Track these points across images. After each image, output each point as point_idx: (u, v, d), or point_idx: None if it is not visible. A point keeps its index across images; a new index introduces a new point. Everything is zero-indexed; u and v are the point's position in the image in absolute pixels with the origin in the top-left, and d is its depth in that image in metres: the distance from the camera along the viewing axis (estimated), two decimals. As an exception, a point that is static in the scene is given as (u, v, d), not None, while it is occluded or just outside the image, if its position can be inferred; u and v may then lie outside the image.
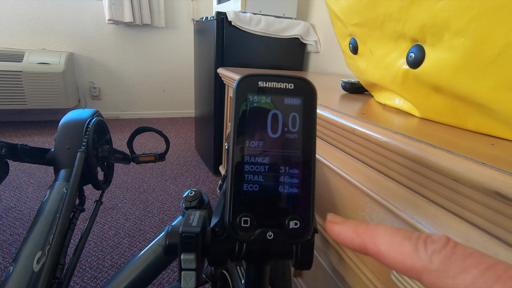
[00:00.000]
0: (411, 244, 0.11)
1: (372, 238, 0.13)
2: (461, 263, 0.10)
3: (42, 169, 1.68)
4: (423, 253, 0.11)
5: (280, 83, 0.19)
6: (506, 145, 0.35)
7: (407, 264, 0.11)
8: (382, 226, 0.13)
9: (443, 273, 0.10)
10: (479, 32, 0.31)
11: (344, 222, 0.15)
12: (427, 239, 0.11)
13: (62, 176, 0.58)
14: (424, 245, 0.11)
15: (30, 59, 2.21)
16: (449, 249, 0.11)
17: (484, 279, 0.09)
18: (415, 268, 0.11)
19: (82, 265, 1.03)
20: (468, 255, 0.10)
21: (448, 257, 0.10)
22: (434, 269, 0.10)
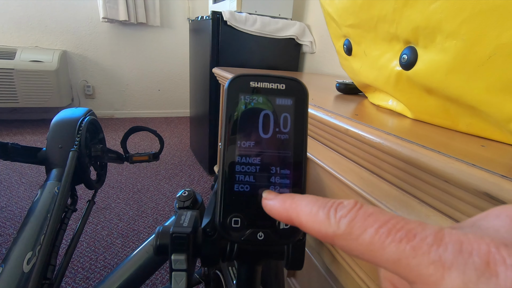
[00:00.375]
0: (324, 213, 0.12)
1: (295, 211, 0.13)
2: (362, 224, 0.11)
3: (34, 168, 1.66)
4: (333, 220, 0.11)
5: (271, 84, 0.19)
6: (497, 147, 0.35)
7: (322, 231, 0.12)
8: (304, 198, 0.14)
9: (348, 236, 0.11)
10: (471, 35, 0.31)
11: (275, 197, 0.16)
12: (338, 206, 0.12)
13: (54, 176, 0.57)
14: (334, 212, 0.12)
15: (22, 56, 2.18)
16: (353, 212, 0.11)
17: (378, 236, 0.10)
18: (328, 235, 0.12)
19: (74, 266, 1.02)
20: (368, 216, 0.11)
21: (351, 219, 0.11)
22: (341, 233, 0.11)
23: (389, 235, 0.10)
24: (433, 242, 0.09)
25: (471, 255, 0.08)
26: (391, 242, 0.10)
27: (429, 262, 0.09)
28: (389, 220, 0.10)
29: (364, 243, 0.10)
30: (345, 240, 0.11)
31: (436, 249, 0.09)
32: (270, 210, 0.16)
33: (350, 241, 0.11)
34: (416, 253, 0.09)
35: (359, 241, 0.10)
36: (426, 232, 0.10)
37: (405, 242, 0.09)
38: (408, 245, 0.09)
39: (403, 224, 0.10)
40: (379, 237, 0.10)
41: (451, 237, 0.09)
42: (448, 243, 0.09)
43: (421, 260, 0.09)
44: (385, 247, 0.10)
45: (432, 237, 0.09)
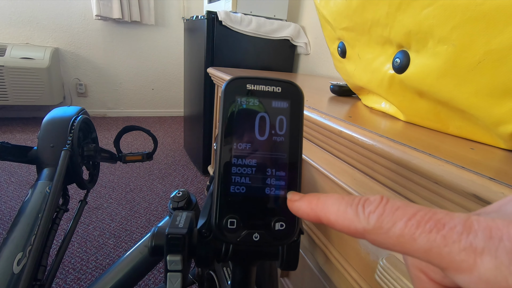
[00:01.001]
0: (352, 210, 0.12)
1: (323, 210, 0.14)
2: (391, 218, 0.11)
3: (24, 168, 1.63)
4: (362, 216, 0.12)
5: (268, 86, 0.19)
6: (485, 149, 0.36)
7: (351, 228, 0.12)
8: (330, 197, 0.14)
9: (379, 230, 0.11)
10: (461, 41, 0.32)
11: (301, 198, 0.16)
12: (365, 202, 0.12)
13: (45, 175, 0.56)
14: (362, 208, 0.12)
15: (13, 53, 2.14)
16: (381, 208, 0.12)
17: (408, 228, 0.10)
18: (358, 231, 0.12)
19: (65, 267, 1.01)
20: (396, 209, 0.11)
21: (380, 214, 0.11)
22: (371, 228, 0.11)
23: (418, 227, 0.10)
24: (463, 230, 0.09)
25: (501, 240, 0.09)
26: (421, 233, 0.10)
27: (460, 249, 0.09)
28: (417, 212, 0.11)
29: (394, 236, 0.11)
30: (375, 234, 0.11)
31: (467, 237, 0.09)
32: (298, 211, 0.16)
33: (380, 235, 0.11)
34: (447, 242, 0.10)
35: (390, 234, 0.11)
36: (454, 221, 0.10)
37: (435, 232, 0.10)
38: (439, 235, 0.10)
39: (431, 215, 0.10)
40: (409, 229, 0.10)
41: (479, 224, 0.09)
42: (477, 230, 0.09)
43: (453, 248, 0.09)
44: (416, 238, 0.10)
45: (461, 225, 0.10)
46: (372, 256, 0.45)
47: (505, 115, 0.32)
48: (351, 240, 0.49)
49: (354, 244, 0.48)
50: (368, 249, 0.45)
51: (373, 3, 0.42)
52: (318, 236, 0.58)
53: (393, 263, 0.38)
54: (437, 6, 0.33)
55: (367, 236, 0.12)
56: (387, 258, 0.39)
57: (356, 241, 0.48)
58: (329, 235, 0.56)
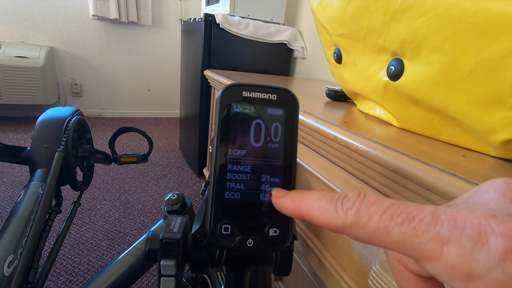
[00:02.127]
0: (332, 206, 0.13)
1: (305, 207, 0.14)
2: (367, 213, 0.12)
3: (16, 168, 1.61)
4: (341, 212, 0.12)
5: (263, 94, 0.19)
6: (476, 157, 0.37)
7: (332, 224, 0.13)
8: (312, 194, 0.14)
9: (356, 225, 0.12)
10: (454, 50, 0.32)
11: (286, 195, 0.17)
12: (344, 198, 0.13)
13: (38, 176, 0.56)
14: (341, 204, 0.13)
15: (7, 52, 2.11)
16: (358, 203, 0.12)
17: (382, 222, 0.11)
18: (338, 226, 0.12)
19: (57, 269, 0.99)
20: (372, 204, 0.12)
21: (357, 210, 0.12)
22: (349, 223, 0.12)
23: (391, 220, 0.11)
24: (431, 221, 0.10)
25: (464, 228, 0.09)
26: (394, 225, 0.11)
27: (428, 239, 0.10)
28: (391, 206, 0.11)
29: (371, 230, 0.11)
30: (353, 229, 0.12)
31: (434, 227, 0.10)
32: (282, 208, 0.16)
33: (358, 230, 0.12)
34: (416, 233, 0.10)
35: (366, 228, 0.11)
36: (423, 213, 0.10)
37: (406, 224, 0.10)
38: (409, 227, 0.10)
39: (402, 208, 0.11)
40: (383, 222, 0.11)
41: (446, 215, 0.10)
42: (444, 221, 0.10)
43: (422, 239, 0.10)
44: (390, 231, 0.11)
45: (430, 216, 0.10)
46: (365, 261, 0.45)
47: (495, 124, 0.32)
48: (345, 245, 0.49)
49: (347, 249, 0.49)
50: (361, 254, 0.46)
51: (368, 12, 0.43)
52: (312, 240, 0.59)
53: (386, 268, 0.39)
54: (431, 16, 0.34)
55: (346, 231, 0.12)
56: (380, 263, 0.40)
57: (350, 246, 0.48)
58: (323, 239, 0.56)
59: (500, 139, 0.33)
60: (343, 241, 0.50)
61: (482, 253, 0.09)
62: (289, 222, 0.19)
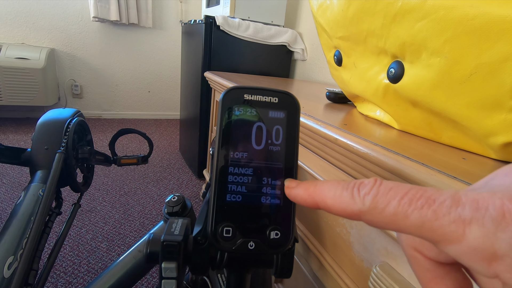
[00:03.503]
0: (348, 193, 0.13)
1: (320, 196, 0.14)
2: (384, 198, 0.12)
3: (16, 169, 1.61)
4: (357, 198, 0.12)
5: (265, 97, 0.19)
6: (476, 160, 0.37)
7: (348, 210, 0.13)
8: (326, 183, 0.15)
9: (374, 211, 0.12)
10: (453, 53, 0.33)
11: (298, 185, 0.17)
12: (360, 185, 0.13)
13: (38, 178, 0.56)
14: (358, 191, 0.13)
15: (8, 53, 2.12)
16: (375, 189, 0.12)
17: (401, 207, 0.11)
18: (354, 213, 0.13)
19: (57, 270, 0.99)
20: (389, 190, 0.12)
21: (374, 196, 0.12)
22: (366, 209, 0.12)
23: (411, 204, 0.11)
24: (452, 204, 0.10)
25: (487, 209, 0.09)
26: (413, 210, 0.11)
27: (450, 221, 0.10)
28: (409, 190, 0.11)
29: (389, 215, 0.11)
30: (371, 214, 0.12)
31: (455, 209, 0.10)
32: (295, 197, 0.17)
33: (376, 215, 0.12)
34: (437, 216, 0.10)
35: (384, 214, 0.11)
36: (444, 196, 0.10)
37: (426, 208, 0.10)
38: (430, 210, 0.10)
39: (422, 192, 0.11)
40: (402, 207, 0.11)
41: (467, 197, 0.10)
42: (465, 203, 0.10)
43: (443, 221, 0.10)
44: (409, 215, 0.11)
45: (450, 199, 0.10)
46: (366, 263, 0.45)
47: (495, 126, 0.32)
48: (345, 246, 0.49)
49: (348, 251, 0.49)
50: (362, 256, 0.46)
51: (368, 15, 0.43)
52: (312, 242, 0.59)
53: (386, 271, 0.39)
54: (431, 19, 0.34)
55: (363, 217, 0.12)
56: (381, 266, 0.40)
57: (350, 248, 0.48)
58: (323, 241, 0.56)
59: (500, 142, 0.33)
60: (343, 243, 0.50)
61: (507, 233, 0.09)
62: (291, 224, 0.19)
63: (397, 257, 0.39)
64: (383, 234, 0.41)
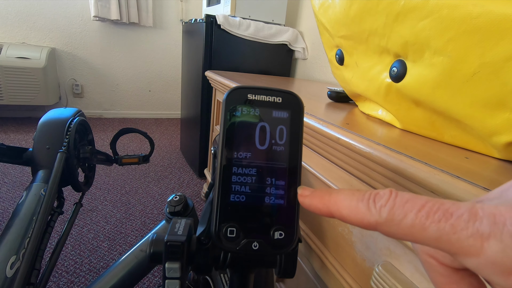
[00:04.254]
0: (364, 205, 0.13)
1: (335, 205, 0.14)
2: (401, 210, 0.12)
3: (17, 168, 1.61)
4: (374, 210, 0.13)
5: (268, 97, 0.19)
6: (479, 159, 0.37)
7: (364, 221, 0.13)
8: (342, 192, 0.15)
9: (390, 222, 0.12)
10: (457, 52, 0.32)
11: (312, 194, 0.17)
12: (376, 196, 0.13)
13: (40, 177, 0.56)
14: (374, 203, 0.13)
15: (8, 52, 2.12)
16: (391, 201, 0.12)
17: (418, 219, 0.11)
18: (371, 224, 0.13)
19: (58, 270, 0.99)
20: (405, 202, 0.12)
21: (391, 208, 0.12)
22: (383, 221, 0.12)
23: (428, 217, 0.11)
24: (469, 218, 0.10)
25: (505, 225, 0.10)
26: (431, 223, 0.11)
27: (468, 235, 0.10)
28: (426, 203, 0.11)
29: (406, 227, 0.11)
30: (387, 226, 0.12)
31: (473, 224, 0.10)
32: (309, 206, 0.17)
33: (392, 227, 0.12)
34: (455, 230, 0.10)
35: (401, 225, 0.11)
36: (461, 210, 0.11)
37: (444, 221, 0.11)
38: (447, 224, 0.10)
39: (439, 205, 0.11)
40: (420, 220, 0.11)
41: (484, 211, 0.10)
42: (483, 217, 0.10)
43: (461, 235, 0.10)
44: (426, 228, 0.11)
45: (467, 213, 0.10)
46: (368, 262, 0.45)
47: (499, 126, 0.32)
48: (347, 246, 0.49)
49: (350, 251, 0.49)
50: (364, 256, 0.46)
51: (371, 14, 0.43)
52: (314, 241, 0.59)
53: (388, 270, 0.39)
54: (434, 18, 0.34)
55: (379, 228, 0.12)
56: (383, 265, 0.40)
57: (352, 248, 0.48)
58: (325, 241, 0.56)
59: (504, 141, 0.33)
60: (345, 243, 0.50)
61: None
62: (295, 224, 0.19)
63: (400, 257, 0.39)
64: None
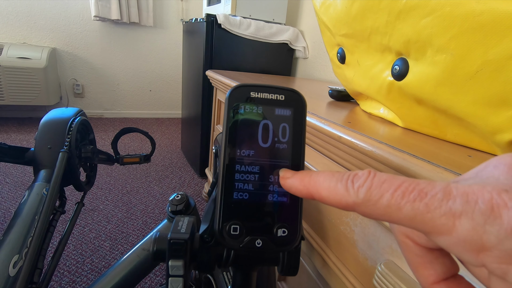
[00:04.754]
0: (342, 185, 0.13)
1: (315, 187, 0.15)
2: (378, 190, 0.12)
3: (19, 168, 1.61)
4: (352, 190, 0.13)
5: (271, 94, 0.19)
6: (482, 157, 0.37)
7: (342, 202, 0.13)
8: (321, 174, 0.15)
9: (367, 203, 0.12)
10: (459, 50, 0.32)
11: (293, 175, 0.17)
12: (354, 177, 0.13)
13: (42, 177, 0.56)
14: (352, 183, 0.13)
15: (9, 53, 2.12)
16: (368, 181, 0.12)
17: (394, 199, 0.11)
18: (349, 204, 0.13)
19: (60, 269, 1.00)
20: (383, 182, 0.12)
21: (368, 188, 0.12)
22: (360, 201, 0.12)
23: (403, 197, 0.11)
24: (443, 197, 0.10)
25: (476, 203, 0.10)
26: (406, 202, 0.11)
27: (441, 214, 0.10)
28: (402, 183, 0.11)
29: (382, 207, 0.12)
30: (364, 206, 0.12)
31: (446, 203, 0.10)
32: (290, 188, 0.17)
33: (369, 207, 0.12)
34: (429, 209, 0.10)
35: (378, 205, 0.12)
36: (435, 189, 0.11)
37: (418, 201, 0.11)
38: (422, 203, 0.11)
39: (414, 185, 0.11)
40: (395, 200, 0.11)
41: (457, 190, 0.10)
42: (456, 196, 0.10)
43: (434, 214, 0.10)
44: (401, 208, 0.11)
45: (442, 193, 0.10)
46: (370, 261, 0.45)
47: (502, 124, 0.32)
48: (349, 245, 0.49)
49: (352, 249, 0.49)
50: (366, 254, 0.46)
51: (372, 11, 0.43)
52: (316, 240, 0.59)
53: (391, 269, 0.39)
54: (436, 16, 0.33)
55: (357, 208, 0.13)
56: (385, 264, 0.40)
57: (354, 246, 0.48)
58: (327, 239, 0.56)
59: (506, 139, 0.33)
60: (347, 241, 0.50)
61: (495, 226, 0.09)
62: (298, 222, 0.19)
63: (402, 255, 0.39)
64: (387, 232, 0.41)
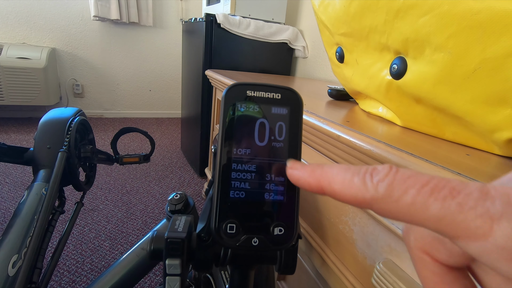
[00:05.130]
0: (359, 179, 0.12)
1: (327, 180, 0.13)
2: (401, 186, 0.11)
3: (18, 168, 1.61)
4: (370, 185, 0.11)
5: (268, 93, 0.19)
6: (480, 155, 0.37)
7: (358, 197, 0.12)
8: (335, 166, 0.14)
9: (388, 199, 0.11)
10: (457, 49, 0.32)
11: (303, 167, 0.16)
12: (373, 171, 0.12)
13: (41, 177, 0.56)
14: (370, 177, 0.12)
15: (9, 53, 2.12)
16: (391, 176, 0.11)
17: (420, 196, 0.10)
18: (365, 200, 0.12)
19: (60, 269, 1.00)
20: (407, 178, 0.11)
21: (390, 183, 0.11)
22: (380, 197, 0.11)
23: (432, 194, 0.10)
24: (479, 197, 0.09)
25: None
26: (434, 200, 0.10)
27: (476, 215, 0.09)
28: (430, 180, 0.10)
29: (405, 204, 0.10)
30: (384, 203, 0.11)
31: (483, 203, 0.09)
32: (298, 180, 0.15)
33: (389, 204, 0.11)
34: (462, 209, 0.09)
35: (400, 203, 0.10)
36: (470, 188, 0.09)
37: (449, 199, 0.09)
38: (454, 202, 0.09)
39: (445, 183, 0.10)
40: (422, 196, 0.10)
41: (496, 191, 0.09)
42: (495, 197, 0.09)
43: (468, 215, 0.09)
44: (428, 206, 0.10)
45: (478, 192, 0.09)
46: (369, 260, 0.45)
47: (500, 122, 0.32)
48: (348, 244, 0.49)
49: (351, 248, 0.49)
50: (365, 253, 0.46)
51: (371, 11, 0.43)
52: (314, 239, 0.59)
53: (389, 267, 0.39)
54: (434, 14, 0.33)
55: (374, 205, 0.11)
56: (384, 263, 0.40)
57: (353, 245, 0.48)
58: (325, 238, 0.56)
59: (505, 137, 0.33)
60: (346, 240, 0.50)
61: None
62: (294, 221, 0.19)
63: (401, 254, 0.39)
64: (386, 231, 0.41)
